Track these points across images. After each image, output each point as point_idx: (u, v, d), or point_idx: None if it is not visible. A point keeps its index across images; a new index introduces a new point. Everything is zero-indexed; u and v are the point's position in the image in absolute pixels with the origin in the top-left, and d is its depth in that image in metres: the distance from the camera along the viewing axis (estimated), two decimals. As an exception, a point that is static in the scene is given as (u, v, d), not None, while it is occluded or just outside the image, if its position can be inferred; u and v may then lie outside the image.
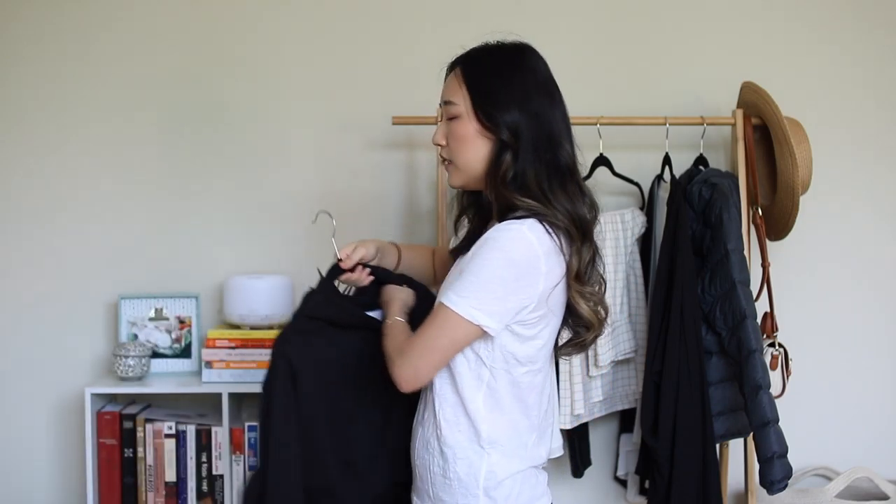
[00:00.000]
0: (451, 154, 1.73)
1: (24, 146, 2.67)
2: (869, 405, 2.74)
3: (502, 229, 1.63)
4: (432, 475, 1.74)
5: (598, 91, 2.67)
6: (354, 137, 2.67)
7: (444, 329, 1.65)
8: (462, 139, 1.70)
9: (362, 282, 1.89)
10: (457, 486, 1.71)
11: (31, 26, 2.66)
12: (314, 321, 1.85)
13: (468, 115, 1.69)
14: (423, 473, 1.77)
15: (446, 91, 1.73)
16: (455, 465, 1.71)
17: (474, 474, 1.71)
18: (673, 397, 2.27)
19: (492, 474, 1.71)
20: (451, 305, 1.63)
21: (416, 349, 1.67)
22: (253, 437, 2.43)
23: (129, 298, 2.60)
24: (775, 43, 2.71)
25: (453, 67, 1.75)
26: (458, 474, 1.71)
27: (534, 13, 2.67)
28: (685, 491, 2.25)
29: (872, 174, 2.72)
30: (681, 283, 2.29)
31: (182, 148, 2.69)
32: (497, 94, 1.67)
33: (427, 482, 1.76)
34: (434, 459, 1.74)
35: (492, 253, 1.62)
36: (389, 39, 2.67)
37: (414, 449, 1.80)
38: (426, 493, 1.77)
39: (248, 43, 2.68)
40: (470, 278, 1.63)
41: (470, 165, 1.71)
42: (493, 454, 1.71)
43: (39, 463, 2.69)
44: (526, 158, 1.66)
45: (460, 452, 1.71)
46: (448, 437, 1.72)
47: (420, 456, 1.78)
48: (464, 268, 1.66)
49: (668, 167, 2.49)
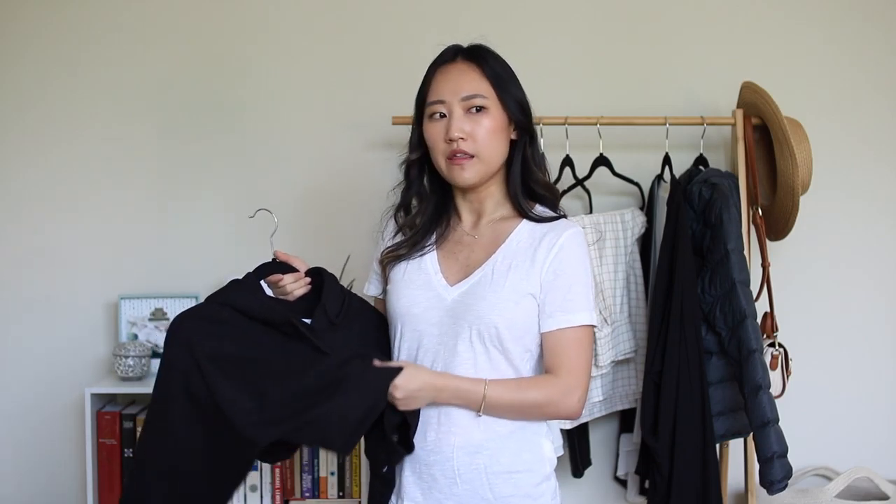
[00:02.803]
0: (479, 148, 1.71)
1: (24, 146, 2.67)
2: (869, 405, 2.74)
3: (579, 234, 1.74)
4: (491, 475, 1.69)
5: (598, 91, 2.67)
6: (354, 137, 2.67)
7: (589, 345, 1.74)
8: (493, 131, 1.72)
9: (292, 292, 1.78)
10: (526, 476, 1.72)
11: (31, 27, 2.66)
12: (226, 309, 1.69)
13: (496, 107, 1.73)
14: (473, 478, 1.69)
15: (465, 85, 1.72)
16: (521, 456, 1.72)
17: (540, 462, 1.75)
18: (673, 397, 2.27)
19: (551, 460, 1.78)
20: (591, 322, 1.72)
21: (584, 377, 1.72)
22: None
23: (129, 298, 2.60)
24: (775, 43, 2.71)
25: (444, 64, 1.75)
26: (527, 463, 1.72)
27: (534, 13, 2.66)
28: (685, 491, 2.25)
29: (872, 174, 2.72)
30: (681, 283, 2.29)
31: (182, 148, 2.69)
32: (512, 84, 1.76)
33: (484, 486, 1.69)
34: (493, 458, 1.69)
35: (585, 260, 1.74)
36: (389, 39, 2.67)
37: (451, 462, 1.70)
38: (483, 498, 1.69)
39: (249, 44, 2.68)
40: (583, 290, 1.72)
41: (493, 158, 1.74)
42: (547, 441, 1.78)
43: (40, 463, 2.69)
44: (536, 144, 1.81)
45: (525, 444, 1.73)
46: (512, 432, 1.71)
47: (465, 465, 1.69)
48: (567, 282, 1.70)
49: (668, 167, 2.49)
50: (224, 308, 1.69)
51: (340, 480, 2.48)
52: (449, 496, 1.70)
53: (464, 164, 1.72)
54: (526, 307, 1.69)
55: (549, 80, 2.61)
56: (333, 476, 2.48)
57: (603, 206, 2.54)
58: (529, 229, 1.73)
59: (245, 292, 1.73)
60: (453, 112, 1.71)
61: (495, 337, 1.68)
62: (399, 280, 1.78)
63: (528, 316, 1.70)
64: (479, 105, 1.71)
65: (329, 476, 2.48)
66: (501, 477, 1.69)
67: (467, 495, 1.69)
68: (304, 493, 2.47)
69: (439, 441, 1.70)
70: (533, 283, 1.69)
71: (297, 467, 2.47)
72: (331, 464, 2.47)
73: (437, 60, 1.77)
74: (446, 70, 1.75)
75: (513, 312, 1.68)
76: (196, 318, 1.69)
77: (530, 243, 1.71)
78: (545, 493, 1.73)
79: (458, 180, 1.74)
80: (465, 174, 1.72)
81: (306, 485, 2.47)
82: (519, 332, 1.69)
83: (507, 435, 1.70)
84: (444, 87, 1.74)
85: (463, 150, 1.71)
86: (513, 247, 1.72)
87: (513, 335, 1.69)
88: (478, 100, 1.71)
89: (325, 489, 2.47)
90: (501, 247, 1.73)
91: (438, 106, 1.73)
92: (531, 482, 1.72)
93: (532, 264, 1.70)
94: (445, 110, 1.72)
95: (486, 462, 1.69)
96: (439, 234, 1.81)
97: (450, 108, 1.72)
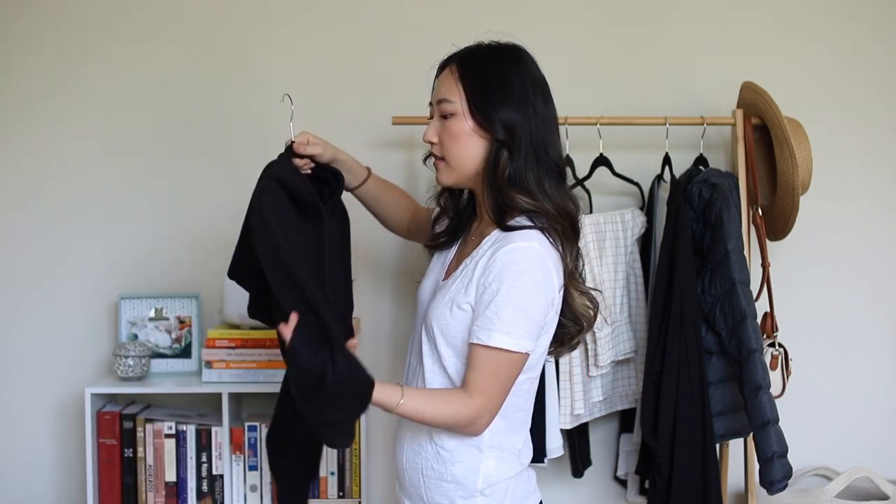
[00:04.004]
0: (445, 152, 1.73)
1: (24, 146, 2.67)
2: (869, 405, 2.74)
3: (519, 251, 1.62)
4: (425, 478, 1.74)
5: (598, 91, 2.67)
6: (354, 137, 2.66)
7: (507, 370, 1.64)
8: (457, 137, 1.70)
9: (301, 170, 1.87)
10: (454, 489, 1.72)
11: (32, 28, 2.66)
12: (275, 183, 1.78)
13: (464, 114, 1.69)
14: (413, 476, 1.77)
15: (441, 89, 1.73)
16: (453, 468, 1.72)
17: (472, 476, 1.71)
18: (673, 397, 2.27)
19: (488, 477, 1.72)
20: (508, 347, 1.61)
21: (495, 399, 1.65)
22: (253, 438, 2.44)
23: (129, 298, 2.60)
24: (775, 43, 2.71)
25: (446, 65, 1.75)
26: (456, 476, 1.71)
27: (534, 13, 2.67)
28: (685, 491, 2.26)
29: (872, 174, 2.72)
30: (681, 283, 2.29)
31: (182, 147, 2.69)
32: (494, 93, 1.68)
33: (419, 485, 1.76)
34: (428, 462, 1.74)
35: (520, 279, 1.61)
36: (389, 39, 2.67)
37: (401, 451, 1.79)
38: (418, 495, 1.77)
39: (249, 44, 2.67)
40: (509, 311, 1.61)
41: (463, 164, 1.72)
42: (491, 458, 1.72)
43: (39, 463, 2.69)
44: (523, 157, 1.67)
45: (458, 455, 1.71)
46: (447, 441, 1.72)
47: (409, 459, 1.77)
48: (491, 299, 1.62)
49: (668, 167, 2.49)
50: (273, 182, 1.77)
51: (340, 480, 2.48)
52: (406, 488, 1.80)
53: (438, 166, 1.76)
54: (459, 316, 1.68)
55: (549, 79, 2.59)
56: (333, 476, 2.48)
57: (603, 206, 2.54)
58: (494, 238, 1.70)
59: (288, 170, 1.82)
60: (434, 115, 1.75)
61: (433, 339, 1.72)
62: (427, 267, 1.89)
63: (463, 326, 1.68)
64: (447, 111, 1.71)
65: (329, 476, 2.48)
66: (433, 482, 1.73)
67: (412, 491, 1.78)
68: (304, 493, 2.47)
69: (400, 434, 1.81)
70: (471, 293, 1.67)
71: (297, 467, 2.47)
72: (331, 464, 2.47)
73: (442, 61, 1.78)
74: (441, 71, 1.76)
75: (446, 319, 1.69)
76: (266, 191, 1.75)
77: (486, 251, 1.69)
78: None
79: (437, 181, 1.79)
80: (441, 176, 1.77)
81: (306, 485, 2.47)
82: (454, 341, 1.68)
83: (443, 443, 1.72)
84: (434, 89, 1.76)
85: (434, 153, 1.76)
86: (475, 255, 1.72)
87: (447, 342, 1.69)
88: (445, 105, 1.71)
89: (325, 489, 2.47)
90: (471, 254, 1.74)
91: (430, 107, 1.78)
92: (459, 494, 1.71)
93: (473, 274, 1.68)
94: (432, 112, 1.76)
95: (423, 463, 1.74)
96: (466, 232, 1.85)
97: (433, 111, 1.76)
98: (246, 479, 2.44)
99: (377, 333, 2.68)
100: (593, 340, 2.38)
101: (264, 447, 2.34)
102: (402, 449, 1.80)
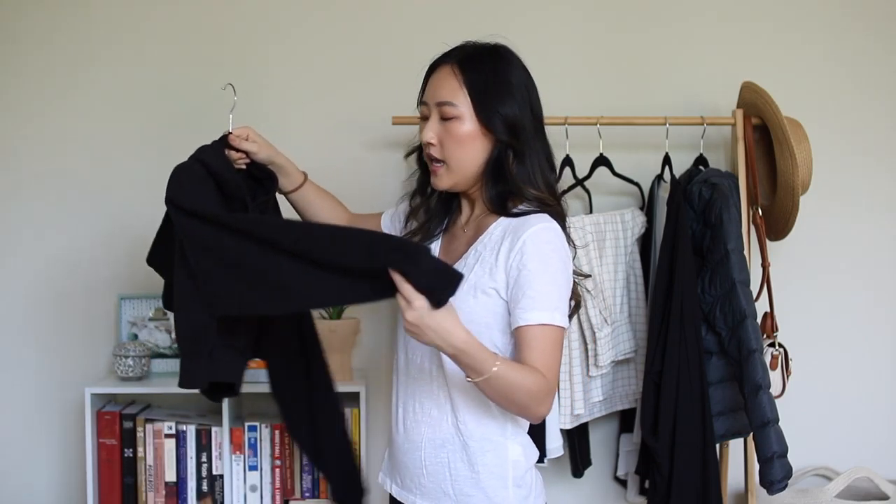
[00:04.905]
0: (447, 155, 1.72)
1: (24, 146, 2.67)
2: (869, 405, 2.74)
3: (544, 231, 1.66)
4: (453, 471, 1.72)
5: (598, 91, 2.67)
6: (354, 137, 2.67)
7: (559, 346, 1.66)
8: (461, 140, 1.70)
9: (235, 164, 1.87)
10: (486, 478, 1.71)
11: (31, 28, 2.66)
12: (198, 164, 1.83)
13: (470, 117, 1.69)
14: (436, 472, 1.74)
15: (440, 91, 1.71)
16: (483, 457, 1.71)
17: (503, 465, 1.72)
18: (673, 397, 2.27)
19: (517, 464, 1.73)
20: (556, 322, 1.64)
21: (555, 377, 1.65)
22: (253, 438, 2.44)
23: (129, 298, 2.60)
24: (775, 43, 2.71)
25: (439, 65, 1.74)
26: (489, 465, 1.71)
27: (533, 13, 2.67)
28: (685, 491, 2.26)
29: (872, 174, 2.73)
30: (681, 283, 2.29)
31: (182, 147, 2.67)
32: (498, 95, 1.69)
33: (447, 481, 1.73)
34: (455, 455, 1.72)
35: (554, 256, 1.66)
36: (389, 39, 2.67)
37: (418, 451, 1.76)
38: (442, 492, 1.73)
39: (249, 44, 2.67)
40: (550, 289, 1.64)
41: (466, 167, 1.72)
42: (515, 444, 1.74)
43: (39, 463, 2.69)
44: (529, 154, 1.71)
45: (487, 445, 1.72)
46: (475, 430, 1.71)
47: (431, 456, 1.74)
48: (531, 279, 1.63)
49: (668, 167, 2.49)
50: (196, 163, 1.80)
51: (340, 480, 2.48)
52: (417, 485, 1.77)
53: (437, 170, 1.75)
54: (485, 302, 1.68)
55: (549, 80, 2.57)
56: (333, 476, 2.48)
57: (603, 206, 2.54)
58: (504, 225, 1.72)
59: (217, 157, 1.84)
60: (431, 116, 1.73)
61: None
62: None
63: (488, 311, 1.68)
64: (450, 115, 1.70)
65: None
66: (462, 474, 1.72)
67: (431, 487, 1.74)
68: (304, 493, 2.47)
69: (412, 431, 1.76)
70: (497, 279, 1.68)
71: (297, 467, 2.47)
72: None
73: (435, 60, 1.77)
74: (436, 71, 1.75)
75: (470, 306, 1.67)
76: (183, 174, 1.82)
77: (501, 238, 1.70)
78: (509, 499, 1.72)
79: (434, 185, 1.77)
80: (437, 180, 1.76)
81: (306, 485, 2.47)
82: (478, 327, 1.66)
83: (471, 433, 1.71)
84: (429, 89, 1.75)
85: (433, 155, 1.74)
86: (485, 241, 1.72)
87: (472, 329, 1.65)
88: (448, 108, 1.70)
89: (325, 489, 2.47)
90: (476, 242, 1.74)
91: (423, 107, 1.76)
92: (491, 485, 1.71)
93: (497, 260, 1.68)
94: (427, 112, 1.74)
95: (449, 457, 1.72)
96: (447, 225, 1.85)
97: (429, 112, 1.74)
98: (246, 479, 2.44)
99: (377, 333, 2.68)
100: (593, 340, 2.38)
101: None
102: (418, 448, 1.76)
